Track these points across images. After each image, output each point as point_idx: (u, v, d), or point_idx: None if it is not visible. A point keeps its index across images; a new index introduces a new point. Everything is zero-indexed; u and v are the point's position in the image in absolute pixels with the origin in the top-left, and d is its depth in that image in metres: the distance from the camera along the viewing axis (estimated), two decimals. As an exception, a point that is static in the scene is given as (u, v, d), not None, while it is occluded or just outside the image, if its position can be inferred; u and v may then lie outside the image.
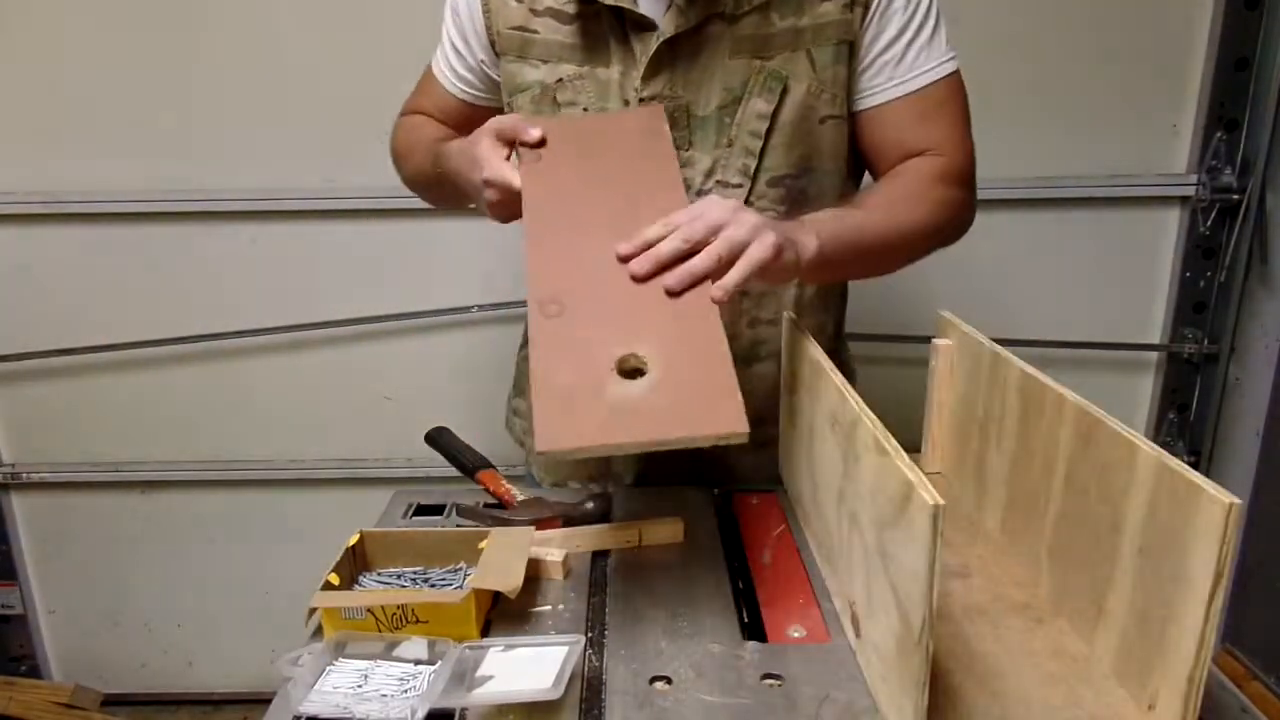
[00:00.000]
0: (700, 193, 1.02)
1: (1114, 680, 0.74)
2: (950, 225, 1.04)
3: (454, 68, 1.15)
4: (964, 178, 1.04)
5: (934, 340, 1.07)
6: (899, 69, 1.02)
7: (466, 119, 1.16)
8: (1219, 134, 1.77)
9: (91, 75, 1.80)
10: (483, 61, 1.11)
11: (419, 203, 1.25)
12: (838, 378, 0.82)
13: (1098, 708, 0.71)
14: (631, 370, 0.79)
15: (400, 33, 1.75)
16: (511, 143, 0.96)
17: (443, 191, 1.10)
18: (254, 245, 1.91)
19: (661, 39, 0.99)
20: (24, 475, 2.06)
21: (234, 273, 1.92)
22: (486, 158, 0.94)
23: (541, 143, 0.95)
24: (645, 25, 1.00)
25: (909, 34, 1.00)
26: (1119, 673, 0.73)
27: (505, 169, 0.93)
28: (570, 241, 0.89)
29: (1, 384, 2.02)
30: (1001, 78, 1.75)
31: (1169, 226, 1.87)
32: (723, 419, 0.73)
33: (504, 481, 1.06)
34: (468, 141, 0.99)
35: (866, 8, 0.99)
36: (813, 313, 1.13)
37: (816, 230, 0.88)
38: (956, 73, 1.04)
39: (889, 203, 0.99)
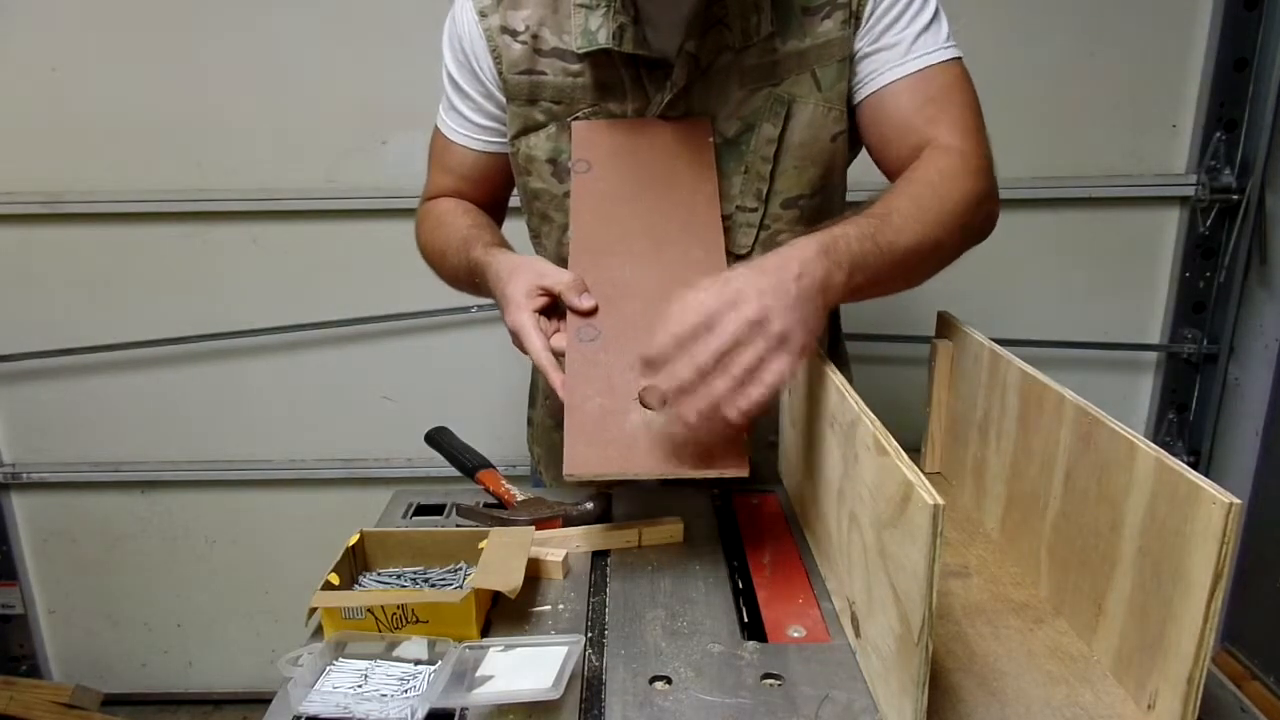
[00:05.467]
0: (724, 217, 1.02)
1: (1113, 680, 0.74)
2: (987, 221, 0.98)
3: (471, 120, 1.11)
4: (984, 170, 0.97)
5: (934, 340, 1.07)
6: (895, 53, 0.99)
7: (493, 171, 1.14)
8: (1218, 134, 1.78)
9: (92, 75, 1.80)
10: (501, 105, 1.08)
11: (418, 203, 1.24)
12: (837, 377, 0.82)
13: (1097, 708, 0.71)
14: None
15: (401, 33, 1.76)
16: (553, 295, 0.94)
17: (480, 295, 1.07)
18: (255, 245, 1.91)
19: (675, 89, 1.00)
20: (24, 475, 2.06)
21: (234, 273, 1.93)
22: (525, 329, 0.92)
23: (592, 312, 0.93)
24: (658, 63, 1.00)
25: (904, 22, 0.98)
26: (1119, 673, 0.73)
27: (538, 347, 0.91)
28: (610, 266, 0.96)
29: (1, 384, 2.02)
30: (1001, 77, 1.75)
31: (1168, 226, 1.87)
32: (729, 461, 0.83)
33: (504, 481, 1.06)
34: (504, 297, 0.95)
35: (859, 15, 0.99)
36: None
37: (850, 264, 0.81)
38: (960, 61, 1.00)
39: (919, 210, 0.89)
